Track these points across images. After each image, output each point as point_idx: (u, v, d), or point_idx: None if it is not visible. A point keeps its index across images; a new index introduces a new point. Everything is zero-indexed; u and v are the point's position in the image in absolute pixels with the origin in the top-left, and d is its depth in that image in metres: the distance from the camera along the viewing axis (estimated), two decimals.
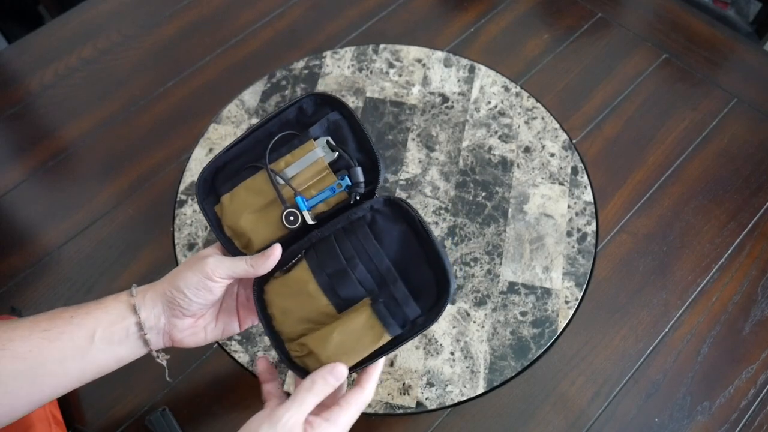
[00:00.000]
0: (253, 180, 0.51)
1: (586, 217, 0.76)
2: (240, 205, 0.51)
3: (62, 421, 0.62)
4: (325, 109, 0.52)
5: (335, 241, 0.50)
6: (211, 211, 0.52)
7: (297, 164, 0.50)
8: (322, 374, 0.45)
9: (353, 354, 0.46)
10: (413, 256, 0.49)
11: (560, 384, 0.66)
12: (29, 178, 0.81)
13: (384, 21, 0.93)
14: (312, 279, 0.49)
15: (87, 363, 0.47)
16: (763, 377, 0.66)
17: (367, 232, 0.49)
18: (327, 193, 0.50)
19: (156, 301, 0.49)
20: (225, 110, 0.85)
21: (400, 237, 0.49)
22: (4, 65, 0.92)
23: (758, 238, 0.74)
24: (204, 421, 0.65)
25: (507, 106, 0.84)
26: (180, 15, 0.95)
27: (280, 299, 0.50)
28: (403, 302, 0.47)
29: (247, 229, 0.51)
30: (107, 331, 0.47)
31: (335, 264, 0.49)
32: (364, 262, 0.49)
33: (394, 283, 0.48)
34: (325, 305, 0.49)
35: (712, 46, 0.90)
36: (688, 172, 0.79)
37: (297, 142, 0.51)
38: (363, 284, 0.48)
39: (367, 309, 0.47)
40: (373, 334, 0.46)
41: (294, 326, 0.49)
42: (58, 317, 0.47)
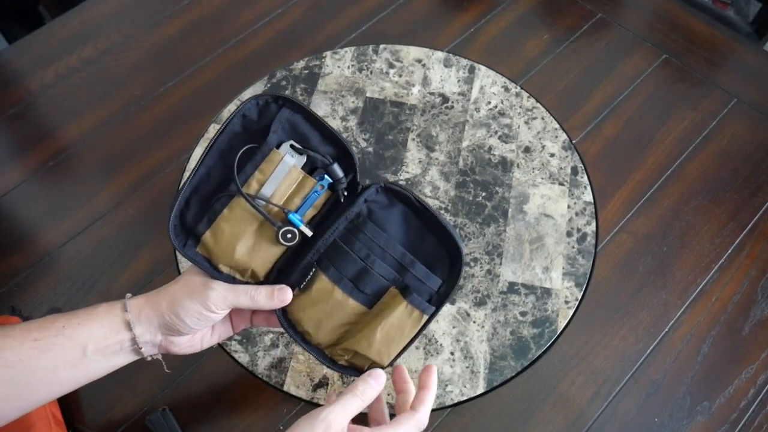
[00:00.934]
0: (231, 210, 0.48)
1: (586, 217, 0.76)
2: (227, 239, 0.48)
3: (62, 421, 0.63)
4: (270, 109, 0.49)
5: (345, 244, 0.50)
6: (196, 255, 0.49)
7: (271, 181, 0.48)
8: (364, 377, 0.48)
9: (398, 342, 0.50)
10: (417, 232, 0.50)
11: (560, 384, 0.66)
12: (29, 178, 0.81)
13: (384, 21, 0.93)
14: (335, 287, 0.50)
15: (79, 372, 0.47)
16: (762, 377, 0.66)
17: (372, 226, 0.50)
18: (312, 197, 0.49)
19: (152, 320, 0.48)
20: (225, 110, 0.85)
21: (400, 219, 0.50)
22: (4, 65, 0.92)
23: (758, 238, 0.74)
24: (204, 421, 0.65)
25: (507, 106, 0.84)
26: (180, 15, 0.95)
27: (309, 315, 0.50)
28: (425, 279, 0.50)
29: (245, 261, 0.49)
30: (100, 344, 0.46)
31: (353, 266, 0.50)
32: (379, 256, 0.50)
33: (412, 265, 0.50)
34: (355, 307, 0.50)
35: (711, 47, 0.90)
36: (688, 172, 0.79)
37: (259, 155, 0.48)
38: (385, 276, 0.50)
39: (402, 301, 0.49)
40: (413, 320, 0.49)
41: (331, 334, 0.51)
42: (50, 326, 0.46)
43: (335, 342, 0.51)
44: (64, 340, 0.45)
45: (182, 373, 0.67)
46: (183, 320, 0.47)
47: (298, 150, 0.49)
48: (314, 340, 0.50)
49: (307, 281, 0.50)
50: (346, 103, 0.85)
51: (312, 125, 0.50)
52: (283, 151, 0.49)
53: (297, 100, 0.49)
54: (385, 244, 0.50)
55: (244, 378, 0.67)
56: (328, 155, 0.49)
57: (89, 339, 0.46)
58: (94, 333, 0.46)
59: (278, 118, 0.49)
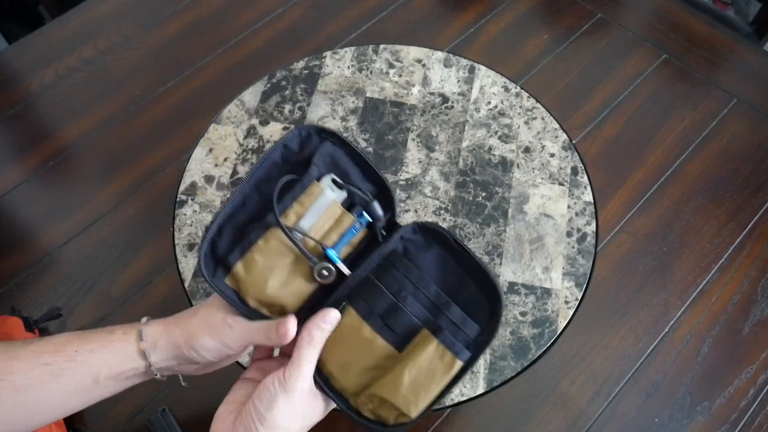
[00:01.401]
0: (266, 242, 0.46)
1: (586, 217, 0.76)
2: (260, 272, 0.46)
3: (62, 421, 0.63)
4: (312, 141, 0.48)
5: (376, 280, 0.47)
6: (225, 287, 0.46)
7: (310, 214, 0.46)
8: (316, 322, 0.44)
9: (429, 390, 0.44)
10: (455, 276, 0.47)
11: (560, 384, 0.66)
12: (29, 178, 0.81)
13: (384, 21, 0.93)
14: (364, 324, 0.46)
15: (90, 396, 0.45)
16: (762, 377, 0.66)
17: (406, 262, 0.47)
18: (349, 235, 0.47)
19: (168, 351, 0.46)
20: (225, 110, 0.85)
21: (437, 260, 0.47)
22: (4, 65, 0.92)
23: (758, 238, 0.74)
24: (204, 421, 0.65)
25: (507, 106, 0.84)
26: (180, 15, 0.95)
27: (335, 355, 0.46)
28: (461, 324, 0.46)
29: (276, 296, 0.46)
30: (113, 371, 0.45)
31: (384, 302, 0.46)
32: (412, 293, 0.46)
33: (447, 306, 0.46)
34: (384, 347, 0.46)
35: (711, 47, 0.90)
36: (688, 172, 0.79)
37: (299, 187, 0.47)
38: (417, 315, 0.46)
39: (433, 340, 0.45)
40: (444, 365, 0.45)
41: (356, 379, 0.46)
42: (62, 351, 0.44)
43: (361, 389, 0.46)
44: (76, 366, 0.44)
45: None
46: (201, 355, 0.46)
47: (338, 184, 0.47)
48: (338, 384, 0.46)
49: None
50: (346, 103, 0.85)
51: (353, 160, 0.48)
52: (323, 184, 0.47)
53: (340, 134, 0.47)
54: (418, 280, 0.46)
55: None
56: (367, 192, 0.47)
57: (102, 366, 0.44)
58: (107, 361, 0.44)
59: (320, 150, 0.47)
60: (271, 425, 0.42)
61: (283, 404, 0.42)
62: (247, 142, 0.82)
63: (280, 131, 0.83)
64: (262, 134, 0.82)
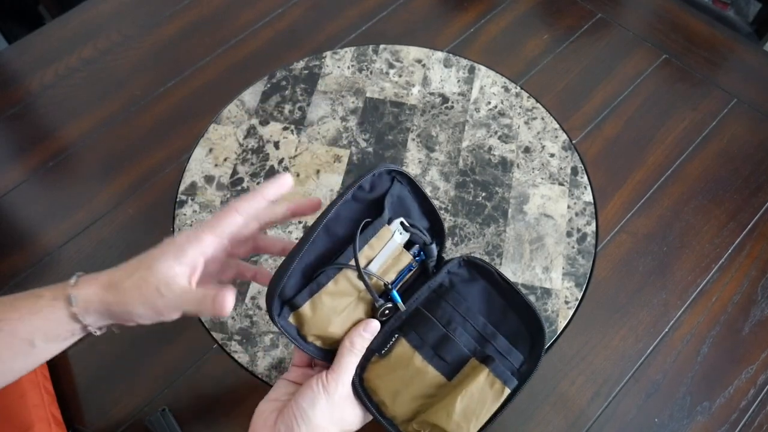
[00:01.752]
0: (335, 284, 0.47)
1: (586, 217, 0.76)
2: (326, 313, 0.47)
3: (62, 421, 0.63)
4: (383, 180, 0.49)
5: (427, 312, 0.49)
6: (288, 326, 0.47)
7: (380, 257, 0.48)
8: (358, 331, 0.47)
9: (479, 417, 0.47)
10: (499, 309, 0.50)
11: (560, 384, 0.66)
12: (29, 178, 0.81)
13: (384, 21, 0.93)
14: (415, 353, 0.48)
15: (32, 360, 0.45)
16: (762, 377, 0.66)
17: (455, 295, 0.50)
18: (405, 273, 0.49)
19: (102, 313, 0.45)
20: (225, 110, 0.85)
21: (481, 294, 0.50)
22: (4, 65, 0.92)
23: (758, 238, 0.74)
24: (204, 421, 0.65)
25: (507, 106, 0.84)
26: (180, 15, 0.95)
27: (386, 383, 0.48)
28: (507, 353, 0.49)
29: (337, 332, 0.48)
30: (48, 336, 0.44)
31: (435, 333, 0.49)
32: (461, 324, 0.49)
33: (494, 337, 0.49)
34: (435, 376, 0.48)
35: (711, 47, 0.90)
36: (688, 172, 0.79)
37: (371, 230, 0.47)
38: (466, 346, 0.49)
39: (484, 369, 0.48)
40: (495, 392, 0.47)
41: (407, 406, 0.48)
42: None
43: (411, 416, 0.47)
44: (5, 336, 0.42)
45: (182, 373, 0.67)
46: (134, 320, 0.45)
47: (405, 228, 0.49)
48: (389, 412, 0.47)
49: (388, 347, 0.49)
50: (346, 103, 0.85)
51: (415, 198, 0.50)
52: (393, 228, 0.48)
53: (408, 174, 0.48)
54: (466, 312, 0.49)
55: (244, 378, 0.67)
56: (427, 233, 0.50)
57: (34, 332, 0.43)
58: (38, 327, 0.44)
59: (390, 192, 0.48)
60: (311, 423, 0.44)
61: (323, 404, 0.45)
62: (247, 142, 0.82)
63: (280, 131, 0.83)
64: (262, 134, 0.82)
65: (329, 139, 0.82)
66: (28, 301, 0.44)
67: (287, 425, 0.44)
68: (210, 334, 0.69)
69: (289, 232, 0.75)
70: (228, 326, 0.69)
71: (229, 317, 0.69)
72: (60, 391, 0.66)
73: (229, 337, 0.68)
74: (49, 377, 0.66)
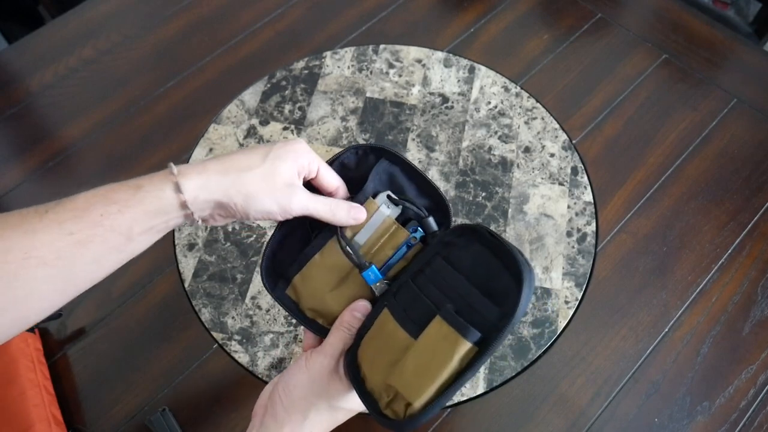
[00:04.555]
0: (322, 256, 0.48)
1: (586, 217, 0.76)
2: (316, 284, 0.48)
3: (62, 421, 0.63)
4: (369, 159, 0.50)
5: (411, 282, 0.46)
6: (285, 298, 0.49)
7: (365, 229, 0.48)
8: (348, 308, 0.47)
9: (430, 374, 0.40)
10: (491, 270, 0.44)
11: (560, 384, 0.66)
12: (29, 178, 0.81)
13: (384, 21, 0.93)
14: (390, 318, 0.45)
15: (124, 256, 0.42)
16: (763, 377, 0.66)
17: (439, 260, 0.46)
18: (403, 250, 0.48)
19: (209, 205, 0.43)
20: (225, 110, 0.85)
21: (474, 256, 0.45)
22: (4, 65, 0.92)
23: (758, 238, 0.74)
24: (204, 421, 0.65)
25: (507, 106, 0.84)
26: (180, 15, 0.95)
27: (366, 353, 0.45)
28: (478, 305, 0.42)
29: (332, 308, 0.48)
30: (147, 226, 0.41)
31: (408, 294, 0.46)
32: (435, 284, 0.45)
33: (467, 291, 0.43)
34: (404, 338, 0.43)
35: (711, 47, 0.90)
36: (688, 172, 0.79)
37: (355, 202, 0.48)
38: (434, 301, 0.44)
39: (437, 319, 0.42)
40: (448, 344, 0.40)
41: (380, 375, 0.43)
42: (84, 217, 0.39)
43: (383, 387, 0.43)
44: (105, 231, 0.39)
45: (182, 373, 0.67)
46: (250, 215, 0.43)
47: (394, 201, 0.48)
48: (369, 384, 0.44)
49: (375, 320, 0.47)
50: (346, 103, 0.85)
51: (409, 177, 0.49)
52: (379, 201, 0.49)
53: (396, 152, 0.49)
54: (445, 273, 0.45)
55: (244, 378, 0.67)
56: (423, 207, 0.48)
57: (133, 224, 0.40)
58: (138, 218, 0.41)
59: (376, 168, 0.49)
60: (290, 395, 0.45)
61: (302, 376, 0.45)
62: (247, 142, 0.82)
63: (280, 131, 0.83)
64: (262, 134, 0.82)
65: (329, 138, 0.82)
66: (126, 191, 0.41)
67: (272, 400, 0.46)
68: (210, 334, 0.69)
69: None
70: (228, 326, 0.69)
71: (229, 317, 0.69)
72: (60, 391, 0.66)
73: (229, 337, 0.68)
74: (49, 377, 0.66)
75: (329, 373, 0.45)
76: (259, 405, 0.47)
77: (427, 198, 0.49)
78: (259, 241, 0.74)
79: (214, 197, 0.42)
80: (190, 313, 0.70)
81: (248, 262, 0.73)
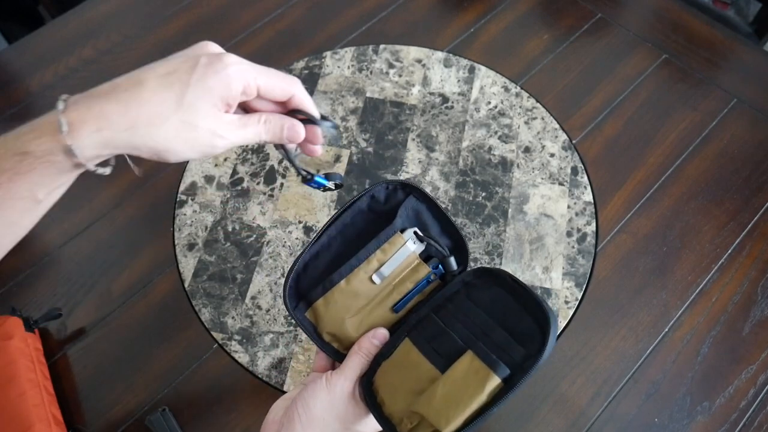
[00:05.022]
0: (348, 283, 0.50)
1: (586, 217, 0.76)
2: (339, 310, 0.49)
3: (62, 421, 0.63)
4: (398, 194, 0.52)
5: (433, 314, 0.49)
6: (304, 320, 0.50)
7: (391, 262, 0.50)
8: (367, 336, 0.48)
9: (461, 404, 0.43)
10: (511, 311, 0.48)
11: (560, 384, 0.66)
12: None
13: (384, 21, 0.93)
14: (413, 348, 0.48)
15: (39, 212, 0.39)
16: (762, 377, 0.66)
17: (462, 298, 0.49)
18: (423, 284, 0.51)
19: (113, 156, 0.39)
20: None
21: (495, 298, 0.49)
22: (4, 65, 0.92)
23: (758, 239, 0.74)
24: (204, 421, 0.65)
25: (507, 106, 0.84)
26: (180, 15, 0.95)
27: (386, 380, 0.48)
28: (505, 345, 0.45)
29: (351, 335, 0.49)
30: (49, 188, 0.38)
31: (433, 328, 0.48)
32: (461, 321, 0.48)
33: (492, 330, 0.46)
34: (429, 369, 0.46)
35: (711, 47, 0.90)
36: (688, 172, 0.79)
37: (383, 236, 0.50)
38: (462, 339, 0.47)
39: (468, 354, 0.45)
40: (479, 379, 0.43)
41: (402, 403, 0.46)
42: None
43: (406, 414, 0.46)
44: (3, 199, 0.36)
45: (182, 373, 0.67)
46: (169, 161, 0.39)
47: (419, 238, 0.51)
48: (387, 409, 0.47)
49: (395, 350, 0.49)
50: (346, 103, 0.85)
51: (434, 216, 0.52)
52: (406, 237, 0.51)
53: (424, 190, 0.51)
54: (468, 310, 0.48)
55: (244, 378, 0.67)
56: (445, 246, 0.51)
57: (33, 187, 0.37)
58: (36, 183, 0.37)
59: (405, 204, 0.51)
60: (310, 413, 0.45)
61: (323, 397, 0.46)
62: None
63: None
64: None
65: (329, 138, 0.82)
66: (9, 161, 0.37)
67: (289, 416, 0.45)
68: (210, 334, 0.69)
69: (289, 232, 0.75)
70: (228, 326, 0.69)
71: (229, 317, 0.69)
72: (60, 391, 0.66)
73: (229, 337, 0.68)
74: (49, 377, 0.66)
75: (348, 395, 0.47)
76: (271, 421, 0.47)
77: (448, 238, 0.52)
78: (259, 241, 0.74)
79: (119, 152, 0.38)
80: (190, 313, 0.70)
81: (248, 262, 0.73)
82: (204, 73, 0.39)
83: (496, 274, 0.49)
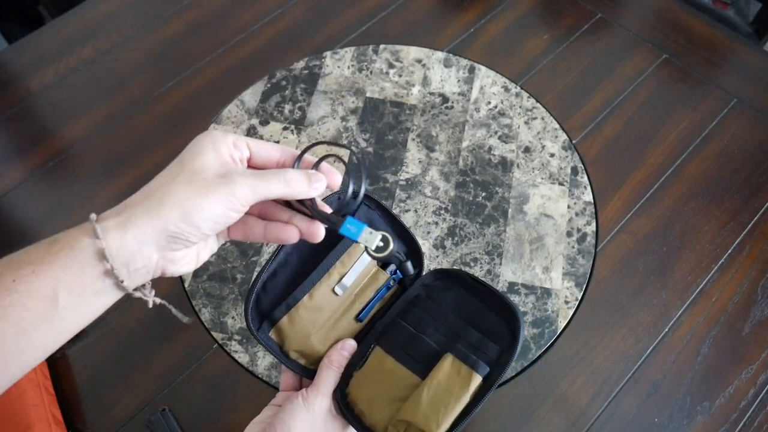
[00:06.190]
0: (311, 298, 0.50)
1: (586, 217, 0.76)
2: (304, 325, 0.49)
3: (62, 421, 0.63)
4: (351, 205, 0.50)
5: (400, 319, 0.50)
6: (269, 340, 0.49)
7: (351, 273, 0.50)
8: (336, 348, 0.48)
9: (449, 407, 0.44)
10: (475, 310, 0.49)
11: (560, 384, 0.66)
12: (30, 179, 0.81)
13: (384, 21, 0.93)
14: (387, 357, 0.48)
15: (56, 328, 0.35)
16: (762, 377, 0.66)
17: (427, 301, 0.50)
18: (383, 291, 0.51)
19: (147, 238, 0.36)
20: (225, 110, 0.85)
21: (456, 298, 0.50)
22: (4, 65, 0.92)
23: (758, 239, 0.74)
24: (204, 421, 0.65)
25: (507, 106, 0.84)
26: (180, 15, 0.95)
27: (362, 391, 0.48)
28: (480, 345, 0.47)
29: (318, 349, 0.49)
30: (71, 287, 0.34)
31: (404, 334, 0.49)
32: (431, 324, 0.49)
33: (465, 331, 0.48)
34: (408, 376, 0.47)
35: (711, 47, 0.90)
36: (688, 172, 0.79)
37: (341, 247, 0.50)
38: (436, 343, 0.48)
39: (449, 357, 0.46)
40: (462, 379, 0.45)
41: (384, 411, 0.47)
42: None
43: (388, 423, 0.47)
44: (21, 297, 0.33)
45: (182, 373, 0.67)
46: (198, 227, 0.36)
47: None
48: (368, 420, 0.47)
49: (365, 358, 0.49)
50: (346, 103, 0.85)
51: (387, 222, 0.52)
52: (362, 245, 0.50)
53: (375, 198, 0.52)
54: (436, 313, 0.49)
55: (244, 378, 0.67)
56: (401, 252, 0.51)
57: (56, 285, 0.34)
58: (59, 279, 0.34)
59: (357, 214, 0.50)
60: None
61: (303, 416, 0.45)
62: None
63: (280, 131, 0.83)
64: (262, 134, 0.82)
65: (329, 139, 0.82)
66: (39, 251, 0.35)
67: None
68: (210, 334, 0.69)
69: None
70: (228, 326, 0.69)
71: (229, 317, 0.69)
72: (60, 391, 0.66)
73: (229, 337, 0.68)
74: (49, 377, 0.66)
75: (326, 411, 0.46)
76: None
77: (403, 243, 0.52)
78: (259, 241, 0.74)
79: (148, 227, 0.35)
80: (190, 313, 0.70)
81: (248, 262, 0.73)
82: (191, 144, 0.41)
83: (454, 274, 0.50)
